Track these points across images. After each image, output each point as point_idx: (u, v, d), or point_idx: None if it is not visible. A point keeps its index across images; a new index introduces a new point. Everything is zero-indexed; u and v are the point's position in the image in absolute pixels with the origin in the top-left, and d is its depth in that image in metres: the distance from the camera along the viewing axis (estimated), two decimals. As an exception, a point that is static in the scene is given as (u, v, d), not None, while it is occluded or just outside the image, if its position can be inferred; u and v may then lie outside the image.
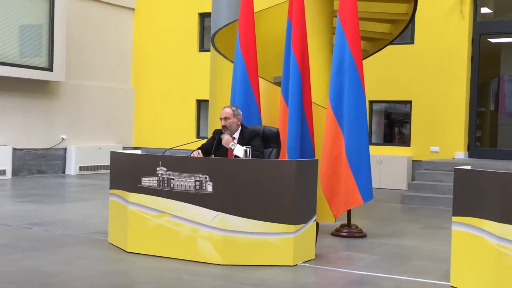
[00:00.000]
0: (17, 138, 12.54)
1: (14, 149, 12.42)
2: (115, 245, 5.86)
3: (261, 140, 6.05)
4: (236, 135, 6.06)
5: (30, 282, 4.53)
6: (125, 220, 5.64)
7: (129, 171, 5.66)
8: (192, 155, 5.81)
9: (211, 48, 8.71)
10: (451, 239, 4.68)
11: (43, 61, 12.73)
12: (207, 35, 14.43)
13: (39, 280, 4.59)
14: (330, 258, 5.67)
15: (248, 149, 5.57)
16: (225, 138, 5.91)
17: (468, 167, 4.69)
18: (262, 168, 5.21)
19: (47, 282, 4.57)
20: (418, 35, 12.27)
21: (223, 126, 6.02)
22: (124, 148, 14.52)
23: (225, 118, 6.00)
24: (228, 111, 6.06)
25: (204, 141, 6.33)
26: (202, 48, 14.65)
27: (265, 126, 6.50)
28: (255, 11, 7.29)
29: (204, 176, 5.20)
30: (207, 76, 9.77)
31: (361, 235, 6.75)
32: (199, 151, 5.94)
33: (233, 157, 5.77)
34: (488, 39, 12.23)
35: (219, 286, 4.56)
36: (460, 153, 11.79)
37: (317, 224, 5.63)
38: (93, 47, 14.37)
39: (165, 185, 5.39)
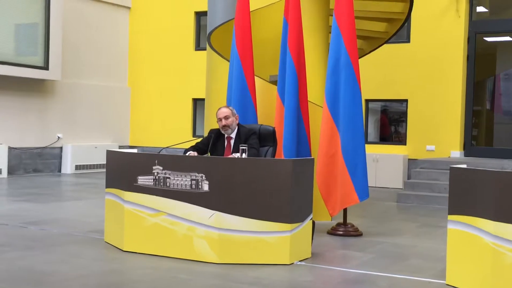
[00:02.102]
0: (12, 137, 12.52)
1: (10, 148, 12.40)
2: (111, 244, 5.85)
3: (257, 139, 6.07)
4: (233, 134, 6.06)
5: (26, 281, 4.53)
6: (121, 219, 5.64)
7: (125, 170, 5.65)
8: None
9: (207, 47, 8.71)
10: (447, 238, 4.69)
11: (39, 60, 12.70)
12: (203, 34, 14.42)
13: (34, 279, 4.58)
14: (326, 256, 5.67)
15: (244, 148, 5.57)
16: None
17: (464, 166, 4.70)
18: (258, 167, 5.21)
19: (43, 281, 4.56)
20: (414, 34, 12.29)
21: (224, 126, 6.01)
22: (120, 147, 14.50)
23: (226, 118, 6.01)
24: (227, 110, 6.07)
25: (199, 139, 6.33)
26: (198, 47, 14.64)
27: (261, 125, 6.51)
28: (251, 10, 7.29)
29: (200, 175, 5.20)
30: (203, 75, 9.76)
31: (357, 233, 6.76)
32: (195, 153, 5.93)
33: (230, 156, 5.77)
34: (484, 38, 12.25)
35: (215, 285, 4.56)
36: (456, 152, 11.81)
37: (313, 223, 5.64)
38: (89, 46, 14.35)
39: (161, 184, 5.38)
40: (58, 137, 13.48)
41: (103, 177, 6.71)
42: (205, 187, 5.19)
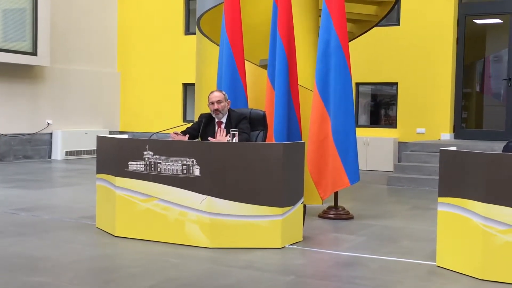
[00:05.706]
0: (2, 123, 12.44)
1: (-1, 135, 12.36)
2: (102, 229, 5.86)
3: (248, 123, 6.06)
4: (224, 119, 6.05)
5: (18, 267, 4.52)
6: (112, 204, 5.64)
7: (116, 156, 5.64)
8: (172, 137, 5.73)
9: (197, 31, 8.67)
10: (437, 220, 4.72)
11: (27, 46, 12.60)
12: (192, 18, 14.34)
13: (26, 265, 4.58)
14: (318, 240, 5.70)
15: (235, 132, 5.57)
16: (218, 139, 5.74)
17: (454, 148, 4.72)
18: (249, 151, 5.21)
19: (34, 266, 4.56)
20: (403, 16, 12.27)
21: (216, 110, 5.99)
22: (110, 133, 14.46)
23: (218, 102, 5.98)
24: (220, 94, 6.04)
25: (189, 124, 6.31)
26: (188, 31, 14.57)
27: (252, 109, 6.50)
28: (240, -7, 7.24)
29: (191, 159, 5.20)
30: (193, 60, 9.72)
31: (348, 217, 6.79)
32: (185, 136, 5.87)
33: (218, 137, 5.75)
34: (474, 20, 12.25)
35: (207, 269, 4.58)
36: (446, 135, 11.86)
37: (305, 207, 5.66)
38: (77, 31, 14.23)
39: (152, 169, 5.38)
40: (48, 123, 13.41)
41: (93, 163, 6.70)
42: (196, 172, 5.19)
